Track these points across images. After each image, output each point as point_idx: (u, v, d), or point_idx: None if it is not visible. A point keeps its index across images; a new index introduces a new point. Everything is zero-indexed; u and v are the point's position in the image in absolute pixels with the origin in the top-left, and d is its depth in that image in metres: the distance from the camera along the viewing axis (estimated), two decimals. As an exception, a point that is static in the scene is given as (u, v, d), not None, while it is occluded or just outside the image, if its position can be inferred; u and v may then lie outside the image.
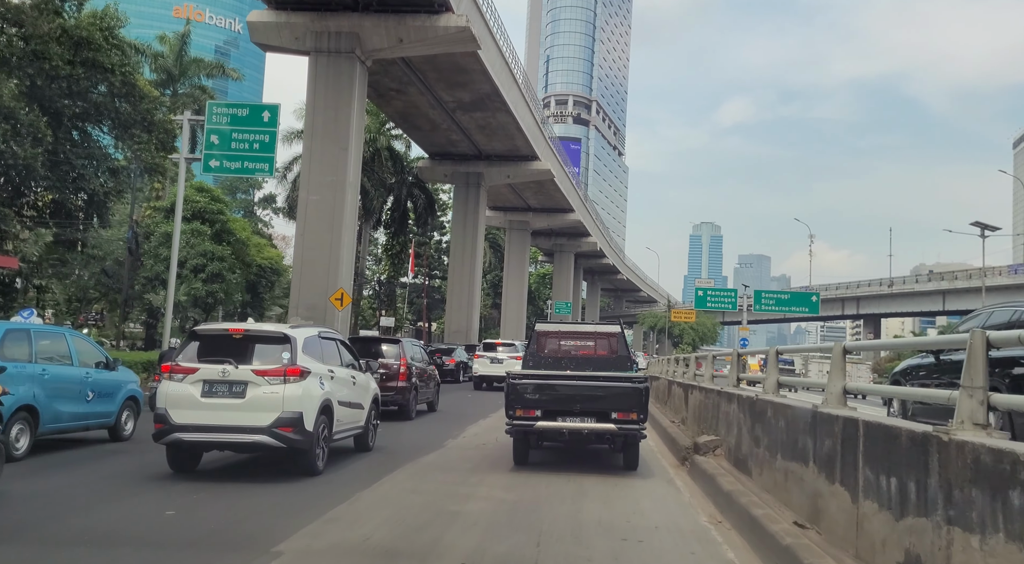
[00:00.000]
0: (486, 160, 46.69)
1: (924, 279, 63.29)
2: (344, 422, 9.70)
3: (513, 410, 9.14)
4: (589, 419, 9.00)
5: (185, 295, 25.58)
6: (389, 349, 15.93)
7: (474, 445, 11.98)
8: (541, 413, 9.06)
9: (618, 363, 10.63)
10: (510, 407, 9.16)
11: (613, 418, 8.93)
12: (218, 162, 16.29)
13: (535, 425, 9.08)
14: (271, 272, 29.94)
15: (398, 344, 16.19)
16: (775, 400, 6.42)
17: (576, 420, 9.03)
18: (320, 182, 27.50)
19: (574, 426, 9.02)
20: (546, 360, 10.72)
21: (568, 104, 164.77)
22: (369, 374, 11.31)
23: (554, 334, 11.25)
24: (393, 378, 15.14)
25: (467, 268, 46.67)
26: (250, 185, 70.12)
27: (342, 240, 27.48)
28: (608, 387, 9.14)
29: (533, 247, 76.05)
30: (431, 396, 17.84)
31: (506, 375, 9.70)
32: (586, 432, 9.08)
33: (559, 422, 9.05)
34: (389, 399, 14.88)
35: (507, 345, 29.98)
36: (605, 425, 8.96)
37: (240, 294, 29.09)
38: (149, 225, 27.44)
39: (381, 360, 15.18)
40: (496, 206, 61.54)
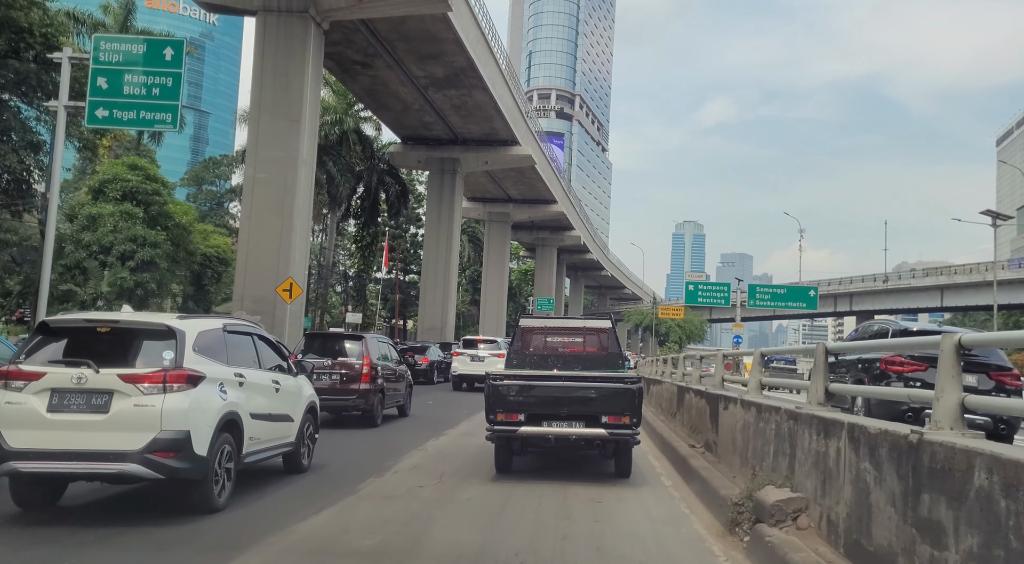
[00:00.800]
0: (462, 145, 43.54)
1: (921, 274, 60.83)
2: (262, 439, 7.81)
3: (494, 414, 8.45)
4: (577, 423, 8.37)
5: (110, 285, 22.19)
6: (351, 347, 14.28)
7: (443, 460, 10.31)
8: (525, 417, 8.40)
9: (609, 361, 10.00)
10: (491, 410, 8.47)
11: (603, 422, 8.33)
12: (107, 111, 13.01)
13: (518, 430, 8.42)
14: (218, 262, 26.60)
15: (361, 341, 14.47)
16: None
17: (563, 425, 8.38)
18: (268, 158, 24.22)
19: (561, 431, 8.38)
20: (531, 358, 10.11)
21: (551, 98, 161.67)
22: (303, 377, 9.33)
23: (539, 330, 10.49)
24: (354, 380, 13.62)
25: (442, 261, 43.50)
26: (217, 176, 66.65)
27: (294, 225, 24.22)
28: (598, 387, 8.49)
29: (514, 242, 73.03)
30: (402, 399, 16.23)
31: (486, 375, 8.98)
32: (574, 438, 8.50)
33: (544, 427, 8.40)
34: (350, 404, 13.59)
35: (489, 342, 27.53)
36: (595, 430, 8.37)
37: (182, 285, 25.75)
38: (74, 207, 24.01)
39: (342, 359, 13.78)
40: (475, 197, 58.41)
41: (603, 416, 8.30)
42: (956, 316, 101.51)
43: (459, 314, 62.11)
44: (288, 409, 8.56)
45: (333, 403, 13.29)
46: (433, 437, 12.73)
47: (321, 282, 40.20)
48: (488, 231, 59.21)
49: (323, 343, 14.66)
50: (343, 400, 13.51)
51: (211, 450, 6.61)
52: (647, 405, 17.36)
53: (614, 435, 8.36)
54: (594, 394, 8.41)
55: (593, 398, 8.39)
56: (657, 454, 10.77)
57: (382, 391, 14.36)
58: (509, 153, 43.63)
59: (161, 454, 6.23)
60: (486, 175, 51.36)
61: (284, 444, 8.50)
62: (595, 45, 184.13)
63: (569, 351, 10.29)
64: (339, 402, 13.49)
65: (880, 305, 63.96)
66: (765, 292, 42.42)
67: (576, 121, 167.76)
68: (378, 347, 15.05)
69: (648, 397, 18.42)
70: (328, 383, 13.36)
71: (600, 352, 10.20)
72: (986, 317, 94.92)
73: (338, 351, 14.16)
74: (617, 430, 8.31)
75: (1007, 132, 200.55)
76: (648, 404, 17.66)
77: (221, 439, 6.82)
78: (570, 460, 10.00)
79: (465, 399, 21.43)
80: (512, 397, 8.43)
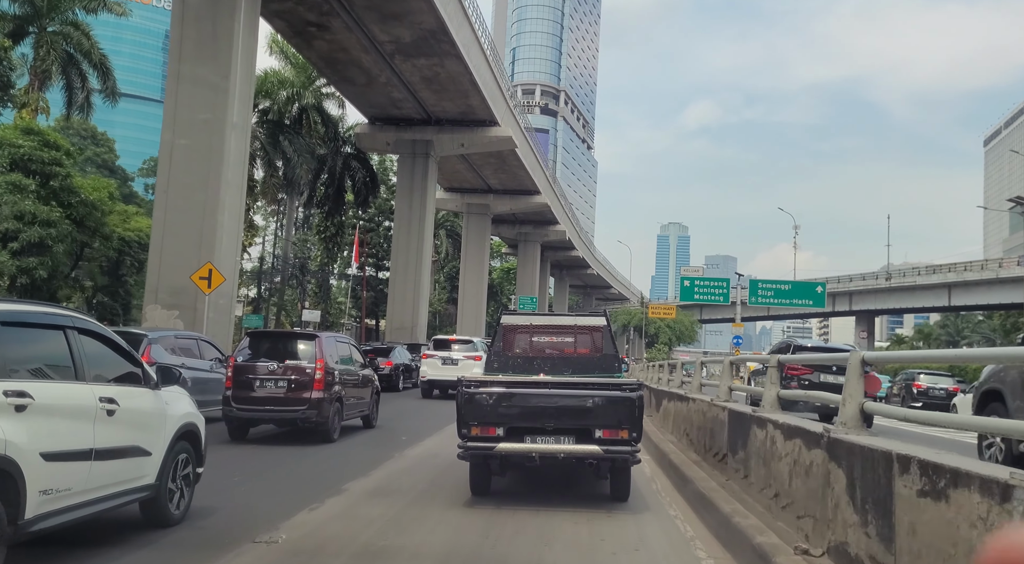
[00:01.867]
0: (436, 125, 39.47)
1: (927, 271, 57.31)
2: (78, 489, 5.07)
3: (467, 427, 7.15)
4: (567, 438, 7.16)
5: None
6: (303, 348, 12.28)
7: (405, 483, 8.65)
8: (504, 431, 7.15)
9: (603, 364, 9.14)
10: (463, 424, 7.16)
11: (598, 437, 7.10)
12: None
13: (496, 448, 7.12)
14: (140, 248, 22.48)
15: (314, 341, 12.39)
16: None
17: (550, 440, 7.16)
18: (190, 120, 20.10)
19: (547, 448, 7.13)
20: (514, 361, 9.18)
21: (535, 94, 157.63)
22: (175, 390, 6.57)
23: (524, 328, 9.51)
24: (305, 387, 11.69)
25: (413, 253, 39.38)
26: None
27: (221, 201, 20.11)
28: (591, 396, 7.20)
29: (495, 237, 69.08)
30: (367, 408, 14.13)
31: (458, 381, 7.40)
32: (563, 456, 7.19)
33: (528, 443, 7.14)
34: (299, 416, 11.67)
35: (464, 343, 23.86)
36: (587, 446, 7.11)
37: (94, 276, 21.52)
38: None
39: (291, 363, 11.85)
40: (452, 187, 54.39)
41: (597, 430, 7.16)
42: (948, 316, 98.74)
43: (436, 314, 58.13)
44: (138, 439, 5.85)
45: (280, 415, 11.73)
46: (396, 452, 11.01)
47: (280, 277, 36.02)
48: (466, 224, 55.16)
49: (270, 344, 12.61)
50: (291, 411, 11.64)
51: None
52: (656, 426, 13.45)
53: (610, 453, 7.13)
54: (587, 403, 7.21)
55: (585, 408, 7.20)
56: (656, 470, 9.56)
57: (340, 400, 12.33)
58: (487, 135, 39.60)
59: None
60: (463, 162, 47.34)
61: (133, 489, 5.84)
62: (581, 40, 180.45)
63: (558, 353, 9.32)
64: (287, 413, 11.70)
65: (882, 304, 60.42)
66: (768, 288, 38.67)
67: (561, 117, 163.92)
68: (336, 348, 12.96)
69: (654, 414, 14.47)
70: (274, 391, 11.63)
71: (593, 354, 9.30)
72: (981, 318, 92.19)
73: (287, 353, 12.18)
74: (614, 447, 7.11)
75: (995, 132, 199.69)
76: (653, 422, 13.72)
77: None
78: (559, 479, 8.77)
79: (436, 408, 18.58)
80: (489, 407, 7.21)
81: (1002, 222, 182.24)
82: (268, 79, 35.20)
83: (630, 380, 7.96)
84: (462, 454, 7.30)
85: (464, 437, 7.22)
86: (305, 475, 9.22)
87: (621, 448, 7.12)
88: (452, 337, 26.58)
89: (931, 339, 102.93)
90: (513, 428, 7.20)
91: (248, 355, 11.94)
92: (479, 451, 7.24)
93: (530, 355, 9.25)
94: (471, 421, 7.19)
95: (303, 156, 34.33)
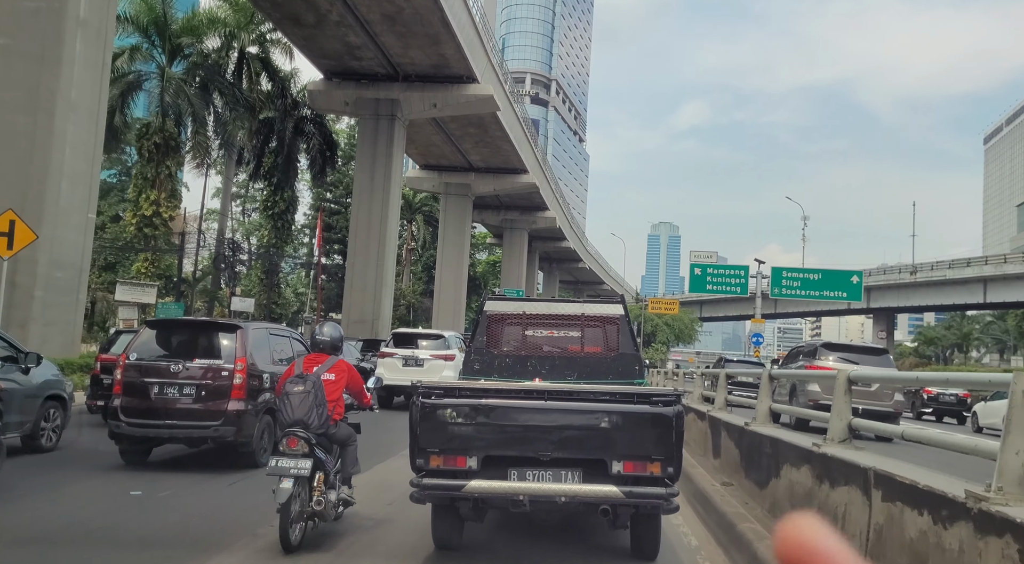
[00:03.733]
0: (404, 82, 33.29)
1: (960, 264, 51.49)
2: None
3: (424, 456, 4.99)
4: (571, 474, 4.96)
5: None
6: (220, 343, 9.11)
7: (336, 537, 6.09)
8: (478, 462, 4.96)
9: (620, 367, 7.18)
10: (419, 451, 4.99)
11: (616, 472, 4.93)
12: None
13: (465, 486, 4.92)
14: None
15: (235, 334, 9.15)
16: None
17: (546, 476, 4.97)
18: (11, 9, 13.87)
19: (541, 489, 4.94)
20: (501, 361, 7.27)
21: (526, 82, 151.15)
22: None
23: (514, 318, 7.40)
24: (220, 394, 8.73)
25: (376, 233, 33.21)
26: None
27: (57, 130, 13.91)
28: (608, 412, 4.95)
29: (478, 224, 62.94)
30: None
31: (418, 387, 5.12)
32: (563, 500, 4.97)
33: (513, 481, 4.95)
34: (210, 434, 8.71)
35: (431, 338, 19.45)
36: (599, 487, 4.89)
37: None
38: None
39: (201, 362, 8.89)
40: (428, 164, 48.21)
41: (616, 462, 4.90)
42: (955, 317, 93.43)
43: (410, 306, 52.00)
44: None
45: (185, 432, 8.79)
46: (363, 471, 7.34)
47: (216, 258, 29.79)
48: (445, 206, 48.99)
49: (176, 337, 9.66)
50: (200, 427, 8.70)
51: None
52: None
53: (634, 497, 4.88)
54: (601, 423, 4.93)
55: (599, 430, 4.93)
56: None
57: (272, 410, 9.04)
58: (465, 93, 33.41)
59: None
60: (439, 132, 41.18)
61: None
62: (573, 28, 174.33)
63: (559, 351, 7.37)
64: (194, 430, 8.75)
65: (906, 301, 54.59)
66: (793, 278, 32.79)
67: (552, 107, 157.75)
68: (269, 344, 9.82)
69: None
70: (178, 399, 8.71)
71: (606, 354, 7.30)
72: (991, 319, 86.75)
73: (199, 349, 9.21)
74: (639, 488, 4.87)
75: (996, 129, 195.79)
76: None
77: None
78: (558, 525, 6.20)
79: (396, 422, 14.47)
80: (457, 427, 4.97)
81: (1003, 221, 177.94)
82: (197, 18, 28.98)
83: (664, 389, 5.84)
84: (416, 494, 5.04)
85: (419, 470, 5.00)
86: (210, 514, 7.00)
87: (650, 490, 4.90)
88: (416, 331, 21.13)
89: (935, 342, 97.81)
90: (492, 458, 4.99)
91: (146, 352, 9.09)
92: (440, 492, 5.04)
93: (522, 353, 7.44)
94: (429, 447, 4.99)
95: (239, 113, 28.10)
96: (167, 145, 27.44)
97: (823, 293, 32.56)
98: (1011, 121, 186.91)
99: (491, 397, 5.17)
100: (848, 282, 32.35)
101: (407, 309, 51.09)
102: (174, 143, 27.67)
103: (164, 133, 27.26)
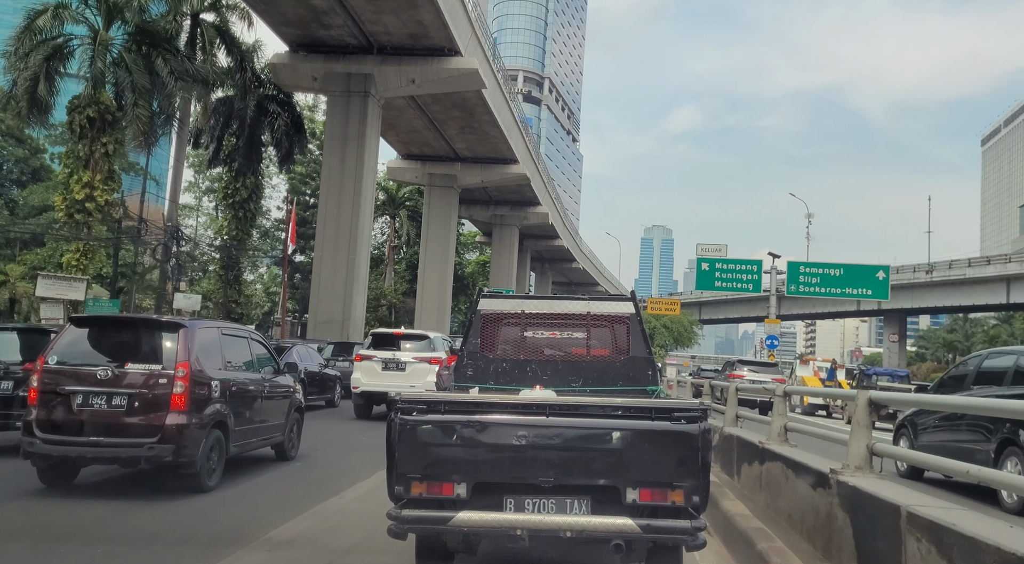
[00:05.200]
0: (378, 55, 29.89)
1: (981, 262, 48.21)
2: None
3: (404, 483, 4.20)
4: (577, 503, 4.19)
5: None
6: (158, 344, 7.69)
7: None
8: (468, 489, 4.16)
9: (632, 373, 6.20)
10: (397, 477, 4.20)
11: (630, 501, 4.10)
12: None
13: (453, 519, 4.11)
14: None
15: (177, 334, 7.66)
16: None
17: (548, 505, 4.19)
18: None
19: (542, 521, 4.11)
20: (498, 366, 6.30)
21: (518, 80, 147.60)
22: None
23: (512, 318, 6.47)
24: (156, 405, 7.36)
25: (346, 224, 29.75)
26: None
27: None
28: (620, 428, 4.17)
29: (466, 220, 59.50)
30: (280, 435, 9.54)
31: (396, 401, 4.29)
32: (569, 535, 4.10)
33: (509, 512, 4.16)
34: (143, 454, 7.30)
35: (415, 339, 17.00)
36: (611, 519, 4.06)
37: None
38: None
39: (134, 367, 7.45)
40: (411, 153, 44.78)
41: (630, 489, 4.07)
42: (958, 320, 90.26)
43: (391, 307, 48.47)
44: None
45: (115, 451, 7.28)
46: (308, 506, 7.00)
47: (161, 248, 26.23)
48: (429, 199, 45.49)
49: (106, 337, 7.92)
50: (132, 446, 7.22)
51: None
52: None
53: (652, 532, 4.04)
54: (612, 440, 4.11)
55: (610, 450, 4.12)
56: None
57: (223, 425, 7.88)
58: (446, 67, 29.98)
59: None
60: (420, 114, 37.73)
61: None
62: (567, 25, 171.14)
63: (562, 355, 6.41)
64: (124, 450, 7.27)
65: (920, 302, 51.34)
66: (812, 274, 29.45)
67: (545, 106, 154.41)
68: (221, 345, 8.24)
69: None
70: (105, 412, 7.23)
71: (615, 357, 6.33)
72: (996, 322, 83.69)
73: (133, 352, 7.66)
74: (660, 521, 4.05)
75: (993, 130, 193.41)
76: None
77: None
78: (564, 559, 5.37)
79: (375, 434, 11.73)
80: (443, 448, 4.18)
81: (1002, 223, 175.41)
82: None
83: (687, 402, 4.45)
84: (394, 528, 4.24)
85: (398, 498, 4.22)
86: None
87: (672, 524, 4.06)
88: (398, 332, 18.30)
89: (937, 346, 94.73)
90: (484, 484, 4.20)
91: (69, 354, 7.52)
92: (423, 525, 4.27)
93: (521, 357, 6.39)
94: (410, 472, 4.19)
95: (183, 79, 24.54)
96: (102, 120, 23.87)
97: (845, 290, 29.26)
98: (1009, 122, 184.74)
99: (483, 412, 4.39)
100: (873, 278, 29.02)
101: (389, 310, 47.56)
102: (111, 118, 24.09)
103: (99, 106, 23.71)
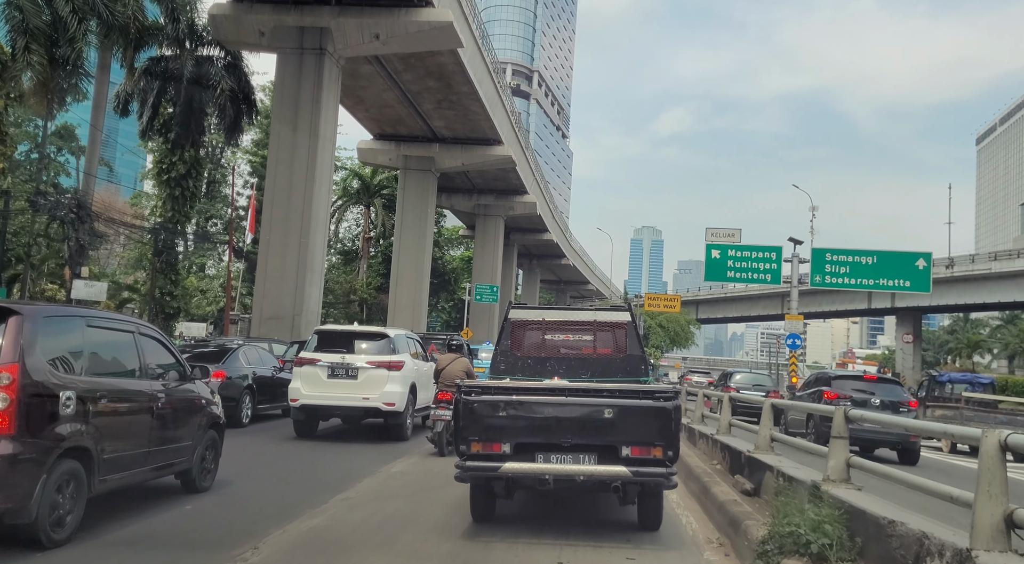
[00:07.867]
0: (336, 5, 25.54)
1: (1008, 256, 44.34)
2: None
3: (467, 443, 6.25)
4: (587, 457, 6.20)
5: None
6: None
7: None
8: (511, 447, 6.21)
9: (628, 367, 8.55)
10: (462, 439, 6.29)
11: (625, 455, 6.16)
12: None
13: (501, 468, 6.14)
14: None
15: (5, 324, 5.25)
16: None
17: (567, 459, 6.20)
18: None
19: (563, 469, 6.16)
20: (524, 362, 8.53)
21: (507, 73, 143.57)
22: None
23: (535, 324, 8.84)
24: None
25: (298, 203, 25.37)
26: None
27: None
28: (617, 405, 6.25)
29: (448, 210, 55.16)
30: (186, 460, 7.55)
31: (458, 388, 6.47)
32: (581, 478, 6.18)
33: (539, 462, 6.17)
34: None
35: (371, 338, 13.64)
36: (612, 468, 6.13)
37: None
38: None
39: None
40: (384, 133, 40.40)
41: (624, 447, 6.13)
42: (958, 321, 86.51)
43: (363, 303, 44.01)
44: None
45: None
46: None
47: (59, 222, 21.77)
48: (404, 183, 41.10)
49: None
50: None
51: None
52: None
53: (640, 476, 6.11)
54: (611, 414, 6.16)
55: (610, 420, 6.16)
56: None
57: (82, 450, 5.76)
58: (416, 19, 25.65)
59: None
60: (392, 85, 33.37)
61: None
62: (556, 18, 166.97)
63: (574, 353, 8.74)
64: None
65: (937, 300, 47.32)
66: (840, 262, 25.30)
67: (534, 100, 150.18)
68: (83, 342, 6.11)
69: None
70: None
71: (616, 355, 8.72)
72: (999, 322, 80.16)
73: None
74: (644, 467, 6.10)
75: (989, 129, 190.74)
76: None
77: None
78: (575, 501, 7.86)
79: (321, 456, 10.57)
80: (493, 419, 6.19)
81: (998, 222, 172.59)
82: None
83: (664, 386, 7.32)
84: (460, 475, 6.39)
85: (463, 455, 6.32)
86: None
87: (653, 470, 6.19)
88: (349, 329, 15.17)
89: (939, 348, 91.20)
90: (522, 444, 6.24)
91: None
92: (480, 472, 6.31)
93: (542, 355, 8.73)
94: (471, 435, 6.26)
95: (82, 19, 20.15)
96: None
97: (879, 281, 25.18)
98: (1005, 121, 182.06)
99: (520, 394, 6.40)
100: (912, 267, 24.88)
101: (360, 306, 43.15)
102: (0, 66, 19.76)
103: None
